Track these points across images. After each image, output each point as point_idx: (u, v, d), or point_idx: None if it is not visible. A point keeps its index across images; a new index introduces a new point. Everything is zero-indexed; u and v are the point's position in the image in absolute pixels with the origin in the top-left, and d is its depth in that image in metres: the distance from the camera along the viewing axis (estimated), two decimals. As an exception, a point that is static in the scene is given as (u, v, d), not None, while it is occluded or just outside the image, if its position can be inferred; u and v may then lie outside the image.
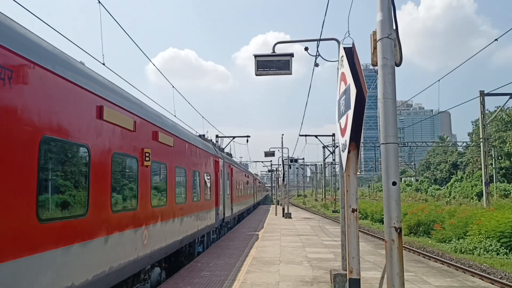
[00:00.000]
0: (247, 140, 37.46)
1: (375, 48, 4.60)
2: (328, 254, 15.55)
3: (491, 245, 17.15)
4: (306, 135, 40.98)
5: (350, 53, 5.98)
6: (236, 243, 18.77)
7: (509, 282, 11.94)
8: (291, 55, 10.74)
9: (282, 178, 43.35)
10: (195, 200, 13.68)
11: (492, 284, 11.51)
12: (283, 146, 38.86)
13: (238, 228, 26.73)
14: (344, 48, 6.14)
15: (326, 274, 11.48)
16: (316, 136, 43.86)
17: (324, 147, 56.59)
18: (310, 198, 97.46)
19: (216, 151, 19.33)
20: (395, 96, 4.46)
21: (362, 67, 5.95)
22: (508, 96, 29.69)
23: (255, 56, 10.84)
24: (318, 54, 11.76)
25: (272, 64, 10.76)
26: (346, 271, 6.32)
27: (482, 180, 32.92)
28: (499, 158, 61.98)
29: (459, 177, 69.89)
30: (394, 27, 4.54)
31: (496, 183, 51.56)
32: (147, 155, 8.65)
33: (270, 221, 33.03)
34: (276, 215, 39.83)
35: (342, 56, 6.16)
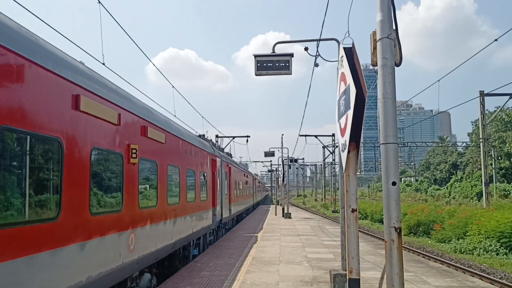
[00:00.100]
0: (247, 140, 37.51)
1: (375, 48, 4.61)
2: (328, 254, 15.55)
3: (490, 245, 17.16)
4: (306, 135, 41.04)
5: (350, 53, 5.98)
6: (236, 243, 18.77)
7: (508, 282, 11.95)
8: (291, 55, 10.75)
9: (282, 178, 43.37)
10: (190, 201, 12.97)
11: (492, 284, 11.52)
12: (283, 146, 38.90)
13: (236, 229, 26.17)
14: (344, 48, 6.14)
15: (326, 274, 11.49)
16: (316, 136, 43.91)
17: (324, 147, 56.63)
18: (310, 198, 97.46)
19: (213, 150, 18.66)
20: (395, 96, 4.46)
21: (362, 67, 5.95)
22: (508, 96, 29.74)
23: (255, 56, 10.85)
24: (318, 54, 11.78)
25: (272, 64, 10.77)
26: (345, 271, 6.32)
27: (481, 180, 32.93)
28: (499, 158, 62.00)
29: (459, 177, 69.92)
30: (394, 27, 4.54)
31: (495, 183, 51.55)
32: (134, 151, 7.91)
33: (270, 221, 33.03)
34: (276, 215, 39.84)
35: (342, 56, 6.16)
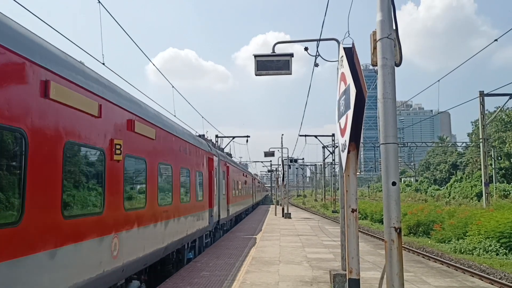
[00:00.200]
0: (247, 140, 37.50)
1: (375, 48, 4.60)
2: (328, 254, 15.55)
3: (490, 245, 17.17)
4: (305, 135, 41.05)
5: (350, 53, 5.97)
6: (236, 243, 18.76)
7: (508, 282, 11.95)
8: (291, 55, 10.74)
9: (281, 178, 43.37)
10: (184, 201, 12.25)
11: (492, 284, 11.52)
12: (282, 146, 38.92)
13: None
14: (344, 48, 6.13)
15: (325, 274, 11.49)
16: (315, 136, 43.92)
17: (323, 147, 56.62)
18: (310, 198, 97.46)
19: (210, 148, 17.87)
20: (395, 96, 4.46)
21: (362, 67, 5.95)
22: (508, 97, 29.75)
23: (255, 56, 10.84)
24: (318, 54, 11.78)
25: (272, 64, 10.76)
26: (345, 271, 6.32)
27: (481, 181, 32.93)
28: (499, 158, 62.01)
29: (459, 177, 69.98)
30: (394, 27, 4.54)
31: (495, 183, 51.58)
32: (118, 147, 7.22)
33: (270, 221, 33.02)
34: (275, 215, 39.83)
35: (342, 56, 6.15)
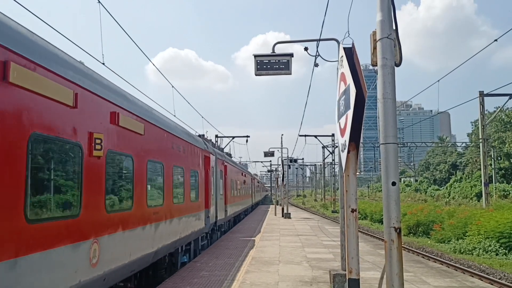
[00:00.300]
0: (247, 140, 37.50)
1: (375, 48, 4.61)
2: (328, 254, 15.55)
3: (490, 245, 17.18)
4: (305, 135, 41.04)
5: (350, 53, 5.98)
6: (235, 244, 18.76)
7: (508, 282, 11.96)
8: (291, 55, 10.75)
9: (281, 178, 43.38)
10: (177, 202, 11.49)
11: (491, 284, 11.52)
12: (282, 146, 38.94)
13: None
14: (344, 48, 6.14)
15: (325, 274, 11.49)
16: (315, 136, 43.91)
17: (323, 147, 56.62)
18: (310, 198, 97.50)
19: (207, 146, 17.11)
20: (394, 96, 4.46)
21: (362, 67, 5.95)
22: (508, 97, 29.74)
23: (255, 56, 10.85)
24: (318, 54, 11.78)
25: (272, 64, 10.77)
26: (345, 271, 6.32)
27: (481, 181, 32.94)
28: (498, 158, 62.05)
29: (459, 177, 70.03)
30: (394, 27, 4.54)
31: (495, 183, 51.63)
32: (98, 142, 6.58)
33: (270, 221, 33.03)
34: (275, 215, 39.84)
35: (342, 56, 6.16)
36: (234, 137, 36.83)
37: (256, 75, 10.78)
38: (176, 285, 10.39)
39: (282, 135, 38.77)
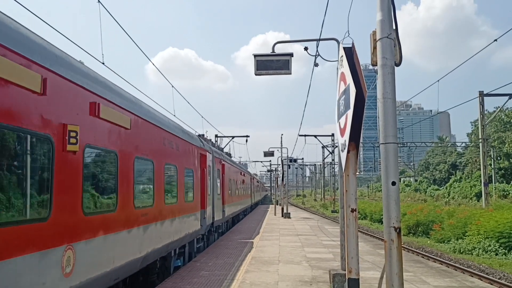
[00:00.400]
0: (247, 140, 37.53)
1: (374, 48, 4.61)
2: (327, 254, 15.56)
3: (490, 245, 17.19)
4: (305, 135, 41.09)
5: (350, 53, 5.98)
6: (235, 244, 18.76)
7: (507, 282, 11.97)
8: (290, 55, 10.75)
9: (281, 178, 43.39)
10: (170, 203, 10.79)
11: (491, 284, 11.53)
12: (282, 146, 38.97)
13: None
14: (343, 48, 6.14)
15: (325, 274, 11.49)
16: (315, 136, 43.94)
17: (323, 147, 56.65)
18: (309, 198, 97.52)
19: (203, 144, 16.27)
20: (394, 96, 4.47)
21: (362, 67, 5.95)
22: (507, 97, 29.77)
23: (255, 56, 10.85)
24: (317, 54, 11.79)
25: (271, 64, 10.77)
26: (345, 271, 6.32)
27: (481, 181, 32.96)
28: (498, 158, 62.06)
29: (458, 177, 70.05)
30: (394, 27, 4.54)
31: (495, 183, 51.61)
32: (73, 135, 5.82)
33: (269, 221, 33.03)
34: (275, 215, 39.85)
35: (342, 56, 6.16)
36: (234, 136, 36.86)
37: (256, 74, 10.78)
38: (176, 284, 10.39)
39: (282, 135, 38.87)
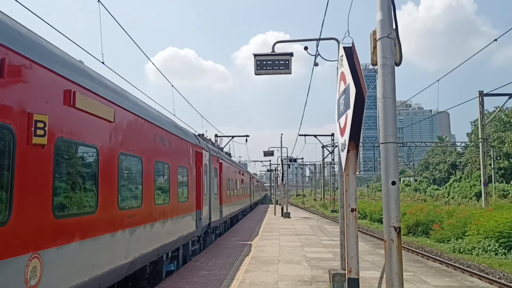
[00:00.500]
0: (246, 140, 37.57)
1: (375, 47, 4.61)
2: (327, 253, 15.56)
3: (489, 245, 17.20)
4: (305, 135, 41.12)
5: (350, 52, 5.97)
6: (233, 245, 18.76)
7: (507, 282, 11.97)
8: (290, 54, 10.76)
9: (281, 178, 43.40)
10: (161, 203, 10.06)
11: (491, 284, 11.53)
12: (282, 145, 38.99)
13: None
14: (343, 47, 6.13)
15: (325, 273, 11.49)
16: (315, 136, 43.95)
17: (323, 146, 56.65)
18: (309, 197, 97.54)
19: (199, 141, 15.48)
20: (394, 95, 4.46)
21: (362, 66, 5.95)
22: (507, 97, 29.78)
23: (255, 56, 10.85)
24: (317, 53, 11.79)
25: (271, 63, 10.77)
26: (345, 270, 6.32)
27: (480, 180, 32.97)
28: (498, 158, 62.06)
29: (458, 177, 70.07)
30: (394, 27, 4.54)
31: (494, 183, 51.61)
32: (41, 126, 5.15)
33: (269, 220, 33.03)
34: (275, 214, 39.86)
35: (342, 55, 6.15)
36: (233, 136, 36.87)
37: (256, 74, 10.79)
38: (175, 284, 10.39)
39: (282, 134, 38.92)
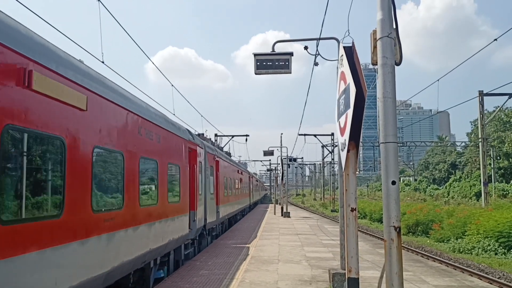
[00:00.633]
0: (246, 139, 37.58)
1: (375, 47, 4.61)
2: (327, 253, 15.56)
3: (489, 245, 17.21)
4: (305, 135, 41.16)
5: (350, 52, 5.97)
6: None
7: (507, 282, 11.98)
8: (290, 54, 10.76)
9: (281, 177, 43.41)
10: (147, 204, 9.08)
11: (491, 283, 11.54)
12: (282, 145, 39.02)
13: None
14: (344, 47, 6.13)
15: (324, 273, 11.49)
16: (315, 135, 43.97)
17: (323, 146, 56.67)
18: (309, 197, 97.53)
19: (193, 137, 14.42)
20: (395, 95, 4.46)
21: (362, 66, 5.95)
22: (507, 96, 29.77)
23: (255, 55, 10.85)
24: (317, 53, 11.79)
25: (271, 63, 10.78)
26: (345, 270, 6.32)
27: (480, 180, 32.99)
28: (498, 158, 62.08)
29: (458, 177, 70.08)
30: (394, 26, 4.54)
31: (494, 183, 51.63)
32: None
33: (269, 220, 33.03)
34: (274, 214, 39.87)
35: (342, 55, 6.15)
36: (233, 136, 36.88)
37: (256, 74, 10.80)
38: (175, 283, 10.39)
39: (282, 134, 38.97)
